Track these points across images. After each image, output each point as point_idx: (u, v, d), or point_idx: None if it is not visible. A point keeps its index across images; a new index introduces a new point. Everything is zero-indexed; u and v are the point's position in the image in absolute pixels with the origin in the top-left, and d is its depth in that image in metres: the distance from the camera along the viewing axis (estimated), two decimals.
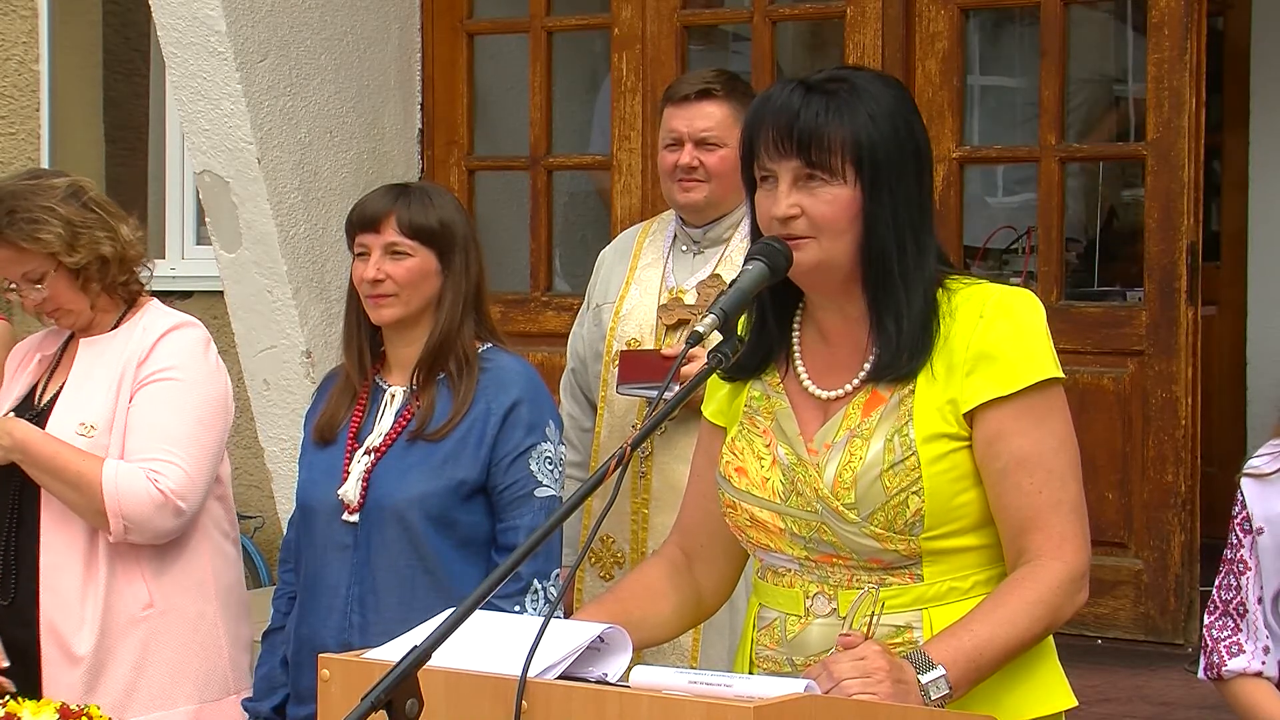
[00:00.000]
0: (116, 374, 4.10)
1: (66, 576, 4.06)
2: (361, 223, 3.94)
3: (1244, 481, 3.47)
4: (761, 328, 2.86)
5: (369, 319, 3.95)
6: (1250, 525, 3.44)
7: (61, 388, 4.17)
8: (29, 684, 3.98)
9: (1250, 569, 3.43)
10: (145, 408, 4.07)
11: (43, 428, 4.10)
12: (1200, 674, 3.52)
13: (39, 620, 4.07)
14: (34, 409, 4.17)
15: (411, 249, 3.90)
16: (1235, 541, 3.47)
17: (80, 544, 4.06)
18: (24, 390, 4.24)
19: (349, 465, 3.91)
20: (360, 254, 3.93)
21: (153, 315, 4.20)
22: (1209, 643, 3.47)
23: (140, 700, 4.07)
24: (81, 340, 4.21)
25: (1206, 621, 3.49)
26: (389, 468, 3.87)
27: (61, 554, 4.07)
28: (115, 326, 4.19)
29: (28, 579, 4.09)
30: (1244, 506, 3.45)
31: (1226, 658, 3.43)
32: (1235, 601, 3.45)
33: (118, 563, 4.07)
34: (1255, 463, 3.48)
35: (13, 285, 4.15)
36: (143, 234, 4.27)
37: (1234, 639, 3.44)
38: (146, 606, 4.08)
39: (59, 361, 4.25)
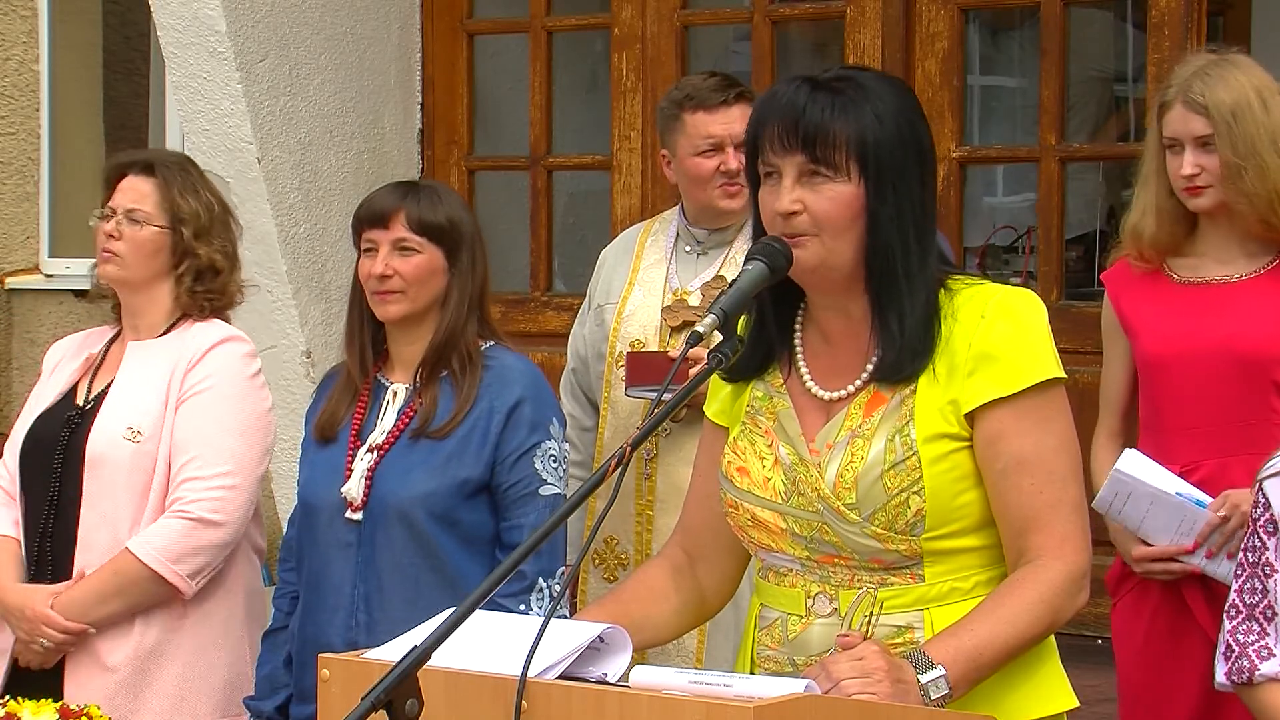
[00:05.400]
0: (164, 380, 4.08)
1: None
2: (370, 219, 3.93)
3: (1267, 483, 3.40)
4: (760, 330, 2.86)
5: (372, 316, 3.95)
6: (1275, 527, 3.37)
7: (107, 388, 4.13)
8: (54, 686, 3.93)
9: (1278, 571, 3.36)
10: (191, 421, 4.05)
11: (87, 429, 4.07)
12: (1221, 679, 3.41)
13: None
14: (75, 408, 4.14)
15: (420, 246, 3.89)
16: (1259, 544, 3.39)
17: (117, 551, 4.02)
18: (65, 387, 4.21)
19: (351, 463, 3.90)
20: (367, 250, 3.92)
21: (204, 326, 4.16)
22: (1234, 648, 3.37)
23: (175, 706, 4.03)
24: (130, 342, 4.19)
25: (1228, 627, 3.39)
26: (392, 466, 3.86)
27: (100, 556, 4.02)
28: (165, 332, 4.16)
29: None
30: (1268, 509, 3.38)
31: (1258, 662, 3.34)
32: (1263, 605, 3.36)
33: None
34: (1275, 462, 3.42)
35: (110, 212, 4.13)
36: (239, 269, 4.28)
37: (1262, 643, 3.35)
38: (180, 616, 4.05)
39: (103, 361, 4.22)
